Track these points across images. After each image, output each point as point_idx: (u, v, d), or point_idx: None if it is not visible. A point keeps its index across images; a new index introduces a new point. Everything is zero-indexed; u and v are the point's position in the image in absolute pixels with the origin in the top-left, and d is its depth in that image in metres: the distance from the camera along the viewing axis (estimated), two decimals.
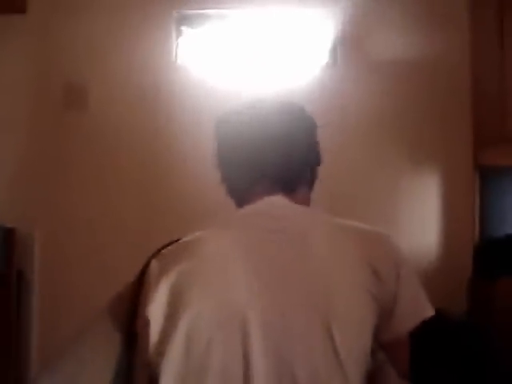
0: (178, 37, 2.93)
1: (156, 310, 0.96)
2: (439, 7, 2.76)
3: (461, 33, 2.74)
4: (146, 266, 1.05)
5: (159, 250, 1.07)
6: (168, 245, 1.08)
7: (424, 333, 2.24)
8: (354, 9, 2.79)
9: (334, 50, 2.85)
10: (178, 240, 1.08)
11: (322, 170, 1.21)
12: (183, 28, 2.94)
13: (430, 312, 1.09)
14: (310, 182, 1.20)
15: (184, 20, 2.94)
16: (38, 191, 2.82)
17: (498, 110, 2.42)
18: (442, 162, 2.76)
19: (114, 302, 1.15)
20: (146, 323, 0.96)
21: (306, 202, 1.17)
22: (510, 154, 2.52)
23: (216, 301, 0.96)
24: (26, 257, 2.71)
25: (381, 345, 1.05)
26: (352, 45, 2.80)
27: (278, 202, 1.09)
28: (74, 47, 2.87)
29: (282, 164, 1.11)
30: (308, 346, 0.95)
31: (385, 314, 1.03)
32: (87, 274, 2.71)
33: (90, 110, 2.85)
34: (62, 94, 2.86)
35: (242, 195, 1.14)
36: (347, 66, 2.79)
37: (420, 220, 2.71)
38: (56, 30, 2.88)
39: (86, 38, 2.86)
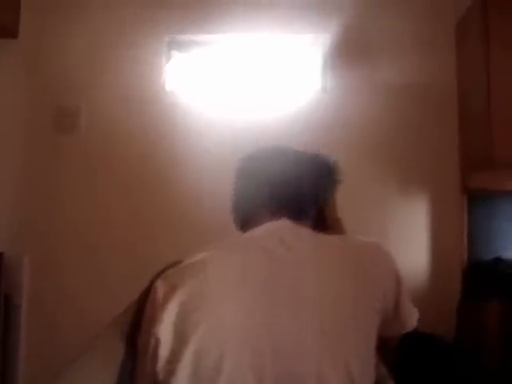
0: (168, 61, 2.96)
1: (165, 330, 0.97)
2: (426, 33, 2.81)
3: (448, 59, 2.80)
4: (151, 285, 1.06)
5: (163, 271, 1.09)
6: (171, 266, 1.10)
7: (414, 356, 2.25)
8: (344, 34, 2.84)
9: (323, 75, 2.90)
10: (180, 262, 1.09)
11: None
12: (174, 53, 2.97)
13: (417, 313, 1.21)
14: (314, 219, 1.27)
15: (175, 45, 2.97)
16: (28, 215, 2.81)
17: (485, 134, 2.44)
18: (430, 185, 2.78)
19: (117, 321, 1.17)
20: (157, 343, 0.97)
21: None
22: (498, 178, 2.55)
23: (224, 322, 0.98)
24: (14, 281, 2.68)
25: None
26: (342, 69, 2.83)
27: (283, 224, 1.14)
28: (66, 72, 2.88)
29: (294, 198, 1.21)
30: (320, 367, 0.98)
31: (387, 320, 1.11)
32: (76, 299, 2.69)
33: (82, 134, 2.85)
34: (53, 117, 2.87)
35: (254, 223, 1.18)
36: (337, 91, 2.82)
37: (408, 243, 2.72)
38: (48, 55, 2.90)
39: (77, 62, 2.88)
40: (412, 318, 1.19)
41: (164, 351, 0.97)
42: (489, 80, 2.42)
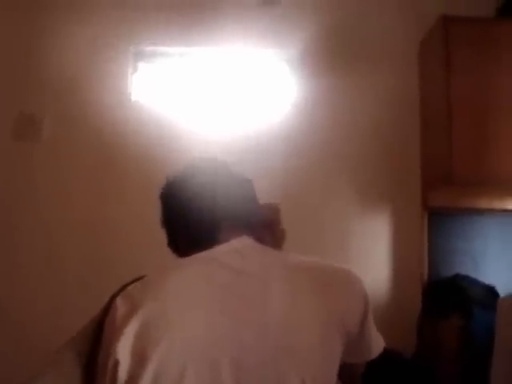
0: (133, 72, 2.94)
1: (124, 350, 0.95)
2: (391, 48, 2.89)
3: (412, 77, 2.86)
4: (111, 302, 1.04)
5: (123, 288, 1.06)
6: (131, 282, 1.07)
7: (373, 371, 2.25)
8: (313, 48, 2.88)
9: (292, 89, 2.92)
10: (142, 277, 1.07)
11: None
12: (139, 64, 2.96)
13: (383, 341, 1.19)
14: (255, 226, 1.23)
15: (140, 56, 2.95)
16: None
17: (445, 153, 2.49)
18: (392, 202, 2.81)
19: (76, 338, 1.13)
20: (116, 364, 0.94)
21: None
22: (458, 195, 2.60)
23: (185, 338, 0.96)
24: None
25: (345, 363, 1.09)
26: (311, 83, 2.86)
27: (246, 242, 1.13)
28: (30, 80, 2.83)
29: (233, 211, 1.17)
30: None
31: (352, 346, 1.08)
32: (31, 304, 2.60)
33: (44, 143, 2.80)
34: (14, 124, 2.81)
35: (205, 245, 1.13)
36: (305, 106, 2.84)
37: (370, 259, 2.74)
38: (12, 61, 2.85)
39: (42, 71, 2.83)
40: (378, 345, 1.17)
41: (123, 372, 0.94)
42: (449, 98, 2.48)
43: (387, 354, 2.33)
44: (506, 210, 2.72)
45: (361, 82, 2.83)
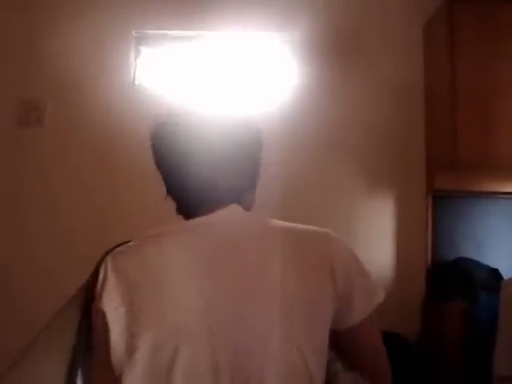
0: (136, 57, 2.93)
1: (114, 317, 0.95)
2: (396, 34, 2.86)
3: (416, 61, 2.84)
4: (97, 269, 1.04)
5: (111, 250, 1.06)
6: (121, 244, 1.07)
7: None
8: (317, 33, 2.85)
9: (297, 73, 2.90)
10: (127, 242, 1.07)
11: (277, 191, 1.24)
12: (142, 48, 2.94)
13: (381, 297, 1.11)
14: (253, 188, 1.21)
15: (143, 40, 2.94)
16: None
17: (450, 136, 2.48)
18: (396, 185, 2.81)
19: (77, 293, 1.19)
20: (106, 327, 0.94)
21: (249, 208, 1.19)
22: (462, 178, 2.59)
23: (179, 307, 0.96)
24: None
25: (344, 332, 1.08)
26: (316, 68, 2.83)
27: (233, 210, 1.10)
28: (32, 65, 2.83)
29: (230, 176, 1.13)
30: (274, 348, 0.97)
31: (342, 307, 1.06)
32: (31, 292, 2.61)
33: (46, 128, 2.81)
34: (17, 110, 2.81)
35: (193, 208, 1.12)
36: (309, 90, 2.83)
37: (374, 243, 2.75)
38: (13, 48, 2.85)
39: (44, 56, 2.82)
40: (375, 295, 1.10)
41: (119, 345, 0.94)
42: (454, 82, 2.47)
43: (391, 338, 2.35)
44: (509, 194, 2.71)
45: (364, 66, 2.81)
